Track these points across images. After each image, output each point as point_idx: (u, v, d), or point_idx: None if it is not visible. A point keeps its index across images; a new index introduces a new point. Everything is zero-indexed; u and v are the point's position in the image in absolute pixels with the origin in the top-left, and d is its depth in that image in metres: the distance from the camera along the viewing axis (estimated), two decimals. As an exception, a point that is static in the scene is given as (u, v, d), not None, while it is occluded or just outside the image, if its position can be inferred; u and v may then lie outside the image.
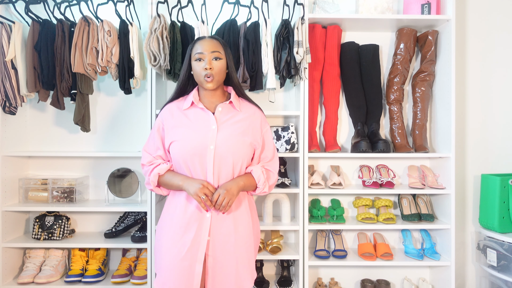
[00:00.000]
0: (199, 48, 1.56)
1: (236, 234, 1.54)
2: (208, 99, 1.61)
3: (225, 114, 1.59)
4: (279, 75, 2.19)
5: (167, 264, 1.52)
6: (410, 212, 2.34)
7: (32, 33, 2.10)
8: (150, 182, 1.57)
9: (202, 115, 1.58)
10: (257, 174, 1.57)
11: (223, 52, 1.58)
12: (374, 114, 2.38)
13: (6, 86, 2.10)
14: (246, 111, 1.62)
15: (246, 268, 1.57)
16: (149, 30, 2.05)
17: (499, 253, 2.24)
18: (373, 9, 2.29)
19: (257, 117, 1.63)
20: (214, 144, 1.50)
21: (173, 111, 1.61)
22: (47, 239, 2.23)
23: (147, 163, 1.60)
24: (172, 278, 1.50)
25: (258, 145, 1.61)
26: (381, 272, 2.48)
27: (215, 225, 1.52)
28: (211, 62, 1.54)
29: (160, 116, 1.63)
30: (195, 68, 1.57)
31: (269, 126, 1.67)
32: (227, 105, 1.61)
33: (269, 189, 1.63)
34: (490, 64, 2.53)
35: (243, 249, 1.56)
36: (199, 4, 2.19)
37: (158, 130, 1.61)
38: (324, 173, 2.48)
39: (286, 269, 2.38)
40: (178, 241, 1.51)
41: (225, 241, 1.52)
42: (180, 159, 1.53)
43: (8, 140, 2.24)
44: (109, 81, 2.42)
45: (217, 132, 1.53)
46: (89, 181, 2.44)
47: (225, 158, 1.51)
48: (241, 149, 1.54)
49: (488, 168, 2.52)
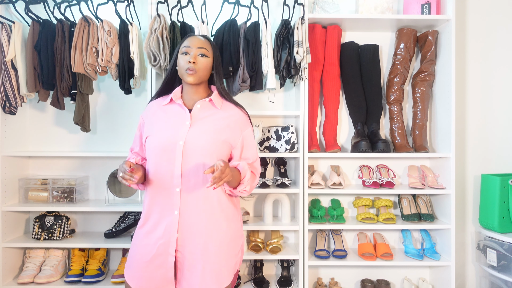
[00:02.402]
0: (187, 43, 1.55)
1: (207, 236, 1.49)
2: (190, 96, 1.59)
3: (203, 112, 1.56)
4: (279, 75, 2.19)
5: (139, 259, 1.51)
6: (410, 212, 2.34)
7: (32, 33, 2.10)
8: None
9: (179, 111, 1.56)
10: (244, 168, 1.51)
11: (211, 52, 1.57)
12: (374, 114, 2.38)
13: (6, 86, 2.10)
14: (227, 110, 1.59)
15: (213, 273, 1.48)
16: (149, 30, 2.05)
17: (499, 253, 2.24)
18: (373, 9, 2.29)
19: (238, 117, 1.58)
20: (183, 140, 1.47)
21: (154, 107, 1.62)
22: (47, 239, 2.23)
23: None
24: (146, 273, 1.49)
25: (235, 144, 1.55)
26: (381, 272, 2.49)
27: (183, 223, 1.48)
28: (196, 56, 1.53)
29: (143, 113, 1.65)
30: (179, 62, 1.55)
31: (251, 128, 1.62)
32: (207, 103, 1.58)
33: (250, 189, 1.57)
34: (490, 64, 2.53)
35: (212, 253, 1.48)
36: (199, 4, 2.19)
37: (139, 127, 1.64)
38: (324, 173, 2.48)
39: (286, 269, 2.38)
40: (151, 238, 1.50)
41: (193, 240, 1.48)
42: (151, 154, 1.52)
43: (8, 140, 2.24)
44: (109, 81, 2.42)
45: (190, 128, 1.50)
46: (89, 181, 2.44)
47: (193, 154, 1.47)
48: (212, 147, 1.49)
49: (488, 168, 2.53)
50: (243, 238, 1.63)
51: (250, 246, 2.28)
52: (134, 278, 1.52)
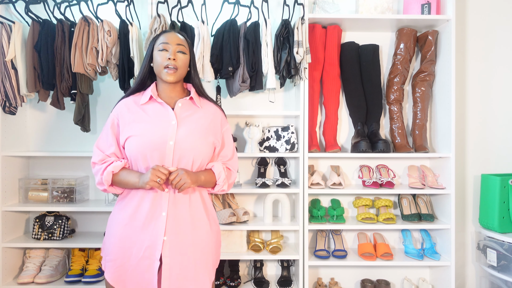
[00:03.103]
0: (164, 39, 1.51)
1: (194, 234, 1.49)
2: (167, 94, 1.56)
3: (186, 110, 1.54)
4: (279, 75, 2.19)
5: (124, 263, 1.47)
6: (410, 212, 2.34)
7: (32, 33, 2.10)
8: (103, 182, 1.48)
9: (161, 110, 1.52)
10: (218, 170, 1.53)
11: (188, 49, 1.55)
12: (374, 114, 2.38)
13: (6, 86, 2.10)
14: (207, 108, 1.59)
15: (204, 268, 1.51)
16: (149, 30, 2.05)
17: (499, 253, 2.24)
18: (373, 9, 2.29)
19: (218, 115, 1.60)
20: (174, 139, 1.46)
21: (129, 105, 1.54)
22: (47, 239, 2.23)
23: (99, 161, 1.51)
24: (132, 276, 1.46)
25: (218, 143, 1.57)
26: (381, 272, 2.49)
27: (171, 225, 1.45)
28: (175, 53, 1.49)
29: (114, 111, 1.55)
30: (156, 59, 1.50)
31: (228, 125, 1.64)
32: (187, 101, 1.57)
33: (228, 188, 1.59)
34: (490, 64, 2.53)
35: (199, 250, 1.50)
36: (199, 4, 2.19)
37: (112, 126, 1.52)
38: (324, 173, 2.48)
39: (286, 269, 2.38)
40: (135, 242, 1.45)
41: (181, 241, 1.47)
42: (138, 155, 1.46)
43: (8, 140, 2.24)
44: (109, 81, 2.42)
45: (177, 127, 1.48)
46: (89, 181, 2.44)
47: (185, 154, 1.46)
48: (202, 146, 1.50)
49: (488, 168, 2.52)
50: (219, 231, 1.64)
51: (250, 246, 2.28)
52: (119, 282, 1.49)
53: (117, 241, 1.48)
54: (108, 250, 1.51)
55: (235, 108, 2.42)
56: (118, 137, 1.52)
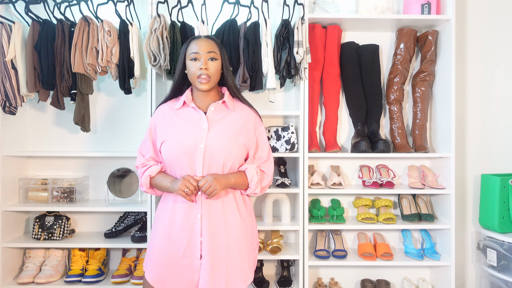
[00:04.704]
0: (194, 47, 1.53)
1: (227, 236, 1.52)
2: (202, 98, 1.59)
3: (218, 114, 1.57)
4: (279, 75, 2.19)
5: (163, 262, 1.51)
6: (410, 212, 2.34)
7: (32, 33, 2.10)
8: (143, 184, 1.58)
9: (194, 114, 1.56)
10: (251, 173, 1.55)
11: (219, 53, 1.56)
12: (374, 114, 2.38)
13: (6, 86, 2.10)
14: (240, 111, 1.61)
15: (238, 270, 1.54)
16: (149, 30, 2.05)
17: (499, 253, 2.24)
18: (373, 9, 2.29)
19: (251, 117, 1.61)
20: (204, 143, 1.48)
21: (165, 111, 1.61)
22: (47, 239, 2.23)
23: (140, 165, 1.61)
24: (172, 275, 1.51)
25: (252, 145, 1.59)
26: (381, 272, 2.49)
27: (206, 226, 1.50)
28: (207, 62, 1.52)
29: (153, 117, 1.64)
30: (189, 68, 1.54)
31: (264, 127, 1.65)
32: (220, 104, 1.59)
33: (261, 191, 1.60)
34: (490, 64, 2.53)
35: (234, 251, 1.53)
36: (199, 4, 2.19)
37: (150, 131, 1.61)
38: (324, 173, 2.48)
39: (286, 269, 2.38)
40: (175, 242, 1.51)
41: (216, 242, 1.50)
42: (171, 159, 1.52)
43: (8, 140, 2.24)
44: (109, 81, 2.42)
45: (208, 131, 1.51)
46: (89, 181, 2.44)
47: (215, 157, 1.49)
48: (233, 149, 1.52)
49: (488, 168, 2.52)
50: (257, 233, 1.68)
51: (250, 246, 2.28)
52: (158, 281, 1.53)
53: (158, 242, 1.54)
54: (149, 251, 1.57)
55: (235, 108, 2.42)
56: (155, 142, 1.59)
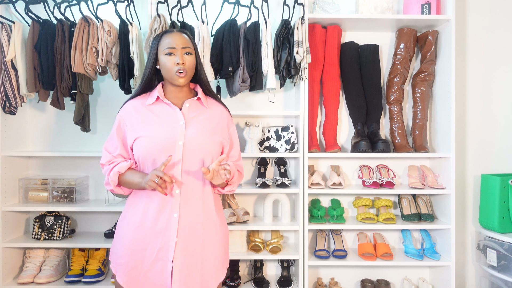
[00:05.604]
0: (169, 42, 1.49)
1: (204, 234, 1.49)
2: (175, 95, 1.56)
3: (193, 111, 1.54)
4: (279, 75, 2.19)
5: (137, 266, 1.47)
6: (410, 212, 2.34)
7: (32, 33, 2.10)
8: (109, 182, 1.50)
9: (169, 111, 1.52)
10: (233, 169, 1.52)
11: (193, 47, 1.53)
12: (374, 114, 2.38)
13: (6, 86, 2.10)
14: (214, 109, 1.59)
15: (213, 270, 1.52)
16: (149, 30, 2.05)
17: (499, 253, 2.24)
18: (373, 9, 2.29)
19: (225, 115, 1.61)
20: (182, 140, 1.46)
21: (136, 107, 1.53)
22: (47, 239, 2.23)
23: (107, 162, 1.52)
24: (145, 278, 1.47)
25: (227, 143, 1.58)
26: (381, 272, 2.48)
27: (183, 226, 1.46)
28: (183, 57, 1.48)
29: (120, 112, 1.55)
30: (165, 63, 1.49)
31: (234, 126, 1.65)
32: (195, 101, 1.57)
33: (235, 189, 1.61)
34: (490, 64, 2.53)
35: (210, 251, 1.51)
36: (199, 4, 2.19)
37: (118, 128, 1.53)
38: (324, 173, 2.48)
39: (286, 269, 2.38)
40: (148, 244, 1.46)
41: (192, 242, 1.47)
42: (147, 155, 1.46)
43: (8, 140, 2.24)
44: (109, 81, 2.42)
45: (186, 128, 1.48)
46: (89, 181, 2.44)
47: (194, 154, 1.46)
48: (211, 146, 1.50)
49: (488, 168, 2.52)
50: (228, 231, 1.65)
51: (250, 246, 2.28)
52: (132, 285, 1.49)
53: (129, 244, 1.48)
54: (119, 253, 1.51)
55: (235, 108, 2.42)
56: (125, 139, 1.52)
